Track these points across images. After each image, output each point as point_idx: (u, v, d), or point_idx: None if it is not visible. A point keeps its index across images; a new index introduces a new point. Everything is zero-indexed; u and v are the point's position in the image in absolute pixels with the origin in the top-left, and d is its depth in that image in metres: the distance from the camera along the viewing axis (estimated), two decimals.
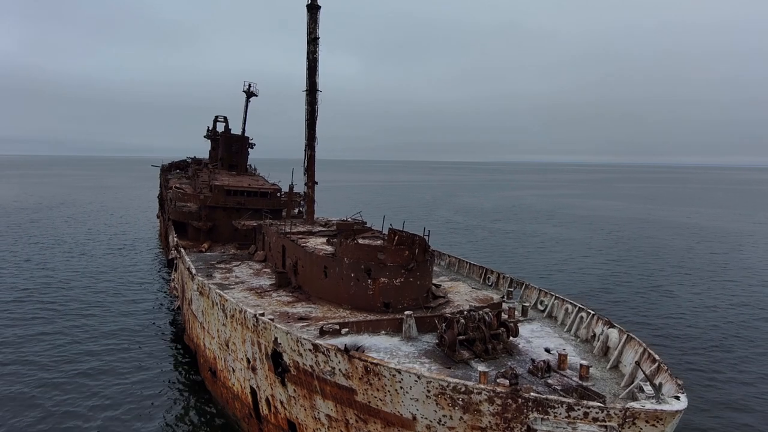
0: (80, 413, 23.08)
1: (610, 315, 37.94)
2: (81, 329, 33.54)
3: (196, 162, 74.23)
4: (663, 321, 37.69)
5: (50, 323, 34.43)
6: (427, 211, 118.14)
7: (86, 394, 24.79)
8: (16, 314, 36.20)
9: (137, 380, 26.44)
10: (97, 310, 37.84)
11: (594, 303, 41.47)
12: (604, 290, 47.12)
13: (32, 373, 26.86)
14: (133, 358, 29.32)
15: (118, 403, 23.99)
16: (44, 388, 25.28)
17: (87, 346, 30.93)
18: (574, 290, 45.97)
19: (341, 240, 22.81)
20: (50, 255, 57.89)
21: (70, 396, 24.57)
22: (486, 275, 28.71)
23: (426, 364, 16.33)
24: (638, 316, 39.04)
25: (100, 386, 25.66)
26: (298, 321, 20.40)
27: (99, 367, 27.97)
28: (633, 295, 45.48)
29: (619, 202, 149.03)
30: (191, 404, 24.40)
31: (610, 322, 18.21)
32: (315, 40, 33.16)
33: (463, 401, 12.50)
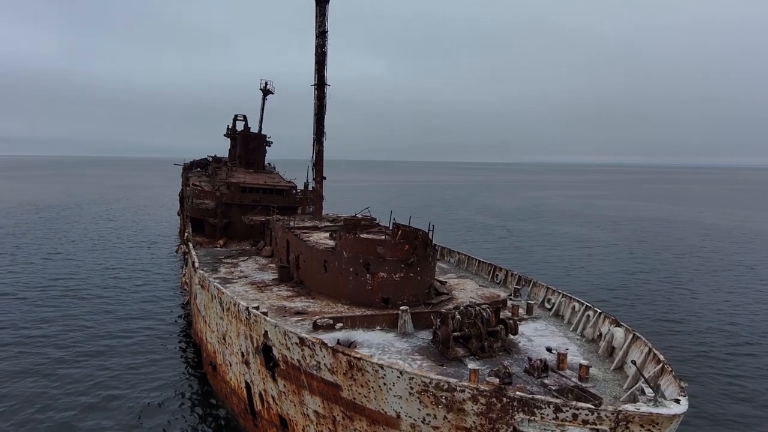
0: (78, 394, 23.84)
1: (626, 315, 37.05)
2: (95, 319, 34.47)
3: (216, 160, 75.16)
4: (682, 324, 35.94)
5: (68, 311, 35.93)
6: (447, 210, 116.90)
7: (85, 381, 25.33)
8: (43, 299, 38.61)
9: (142, 371, 26.59)
10: (114, 301, 38.96)
11: (610, 303, 40.16)
12: (623, 289, 45.53)
13: (48, 352, 28.55)
14: (140, 349, 29.58)
15: (118, 393, 24.04)
16: (54, 365, 26.98)
17: (98, 332, 31.95)
18: (590, 289, 44.60)
19: (341, 234, 22.32)
20: (76, 248, 60.35)
21: (72, 377, 25.67)
22: (494, 273, 27.80)
23: (418, 360, 15.66)
24: (656, 317, 37.40)
25: (104, 372, 26.25)
26: (295, 315, 19.99)
27: (106, 352, 28.82)
28: (653, 295, 43.74)
29: (646, 203, 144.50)
30: (191, 398, 24.23)
31: (617, 320, 17.17)
32: (323, 33, 32.80)
33: (446, 399, 11.80)
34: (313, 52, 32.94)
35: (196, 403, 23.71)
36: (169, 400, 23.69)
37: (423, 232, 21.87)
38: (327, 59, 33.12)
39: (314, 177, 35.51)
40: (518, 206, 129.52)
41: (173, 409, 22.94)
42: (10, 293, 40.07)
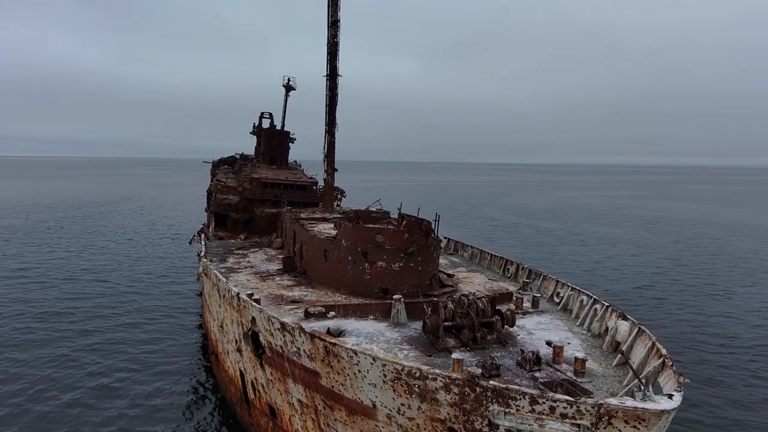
0: (86, 375, 24.95)
1: (650, 314, 35.29)
2: (121, 306, 36.28)
3: (243, 158, 76.44)
4: (706, 327, 33.78)
5: (96, 298, 38.05)
6: (472, 209, 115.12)
7: (94, 365, 26.25)
8: (76, 286, 41.26)
9: (154, 359, 27.08)
10: (141, 291, 40.88)
11: (633, 302, 38.37)
12: (650, 288, 43.45)
13: (74, 335, 30.26)
14: (160, 336, 30.40)
15: (124, 379, 24.32)
16: (78, 348, 28.56)
17: (121, 319, 33.42)
18: (614, 287, 42.80)
19: (341, 222, 21.82)
20: (110, 241, 63.62)
21: (88, 359, 27.00)
22: (506, 266, 26.75)
23: (405, 350, 14.96)
24: (683, 317, 35.38)
25: (118, 356, 27.28)
26: (290, 304, 19.59)
27: (126, 338, 29.90)
28: (681, 294, 41.54)
29: (684, 204, 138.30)
30: (195, 387, 24.26)
31: (624, 314, 16.00)
32: (335, 23, 32.45)
33: (419, 388, 11.08)
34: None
35: (198, 393, 23.70)
36: (173, 389, 23.75)
37: (425, 222, 21.16)
38: (339, 49, 32.76)
39: (325, 169, 35.19)
40: (547, 206, 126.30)
41: (176, 399, 22.97)
42: (47, 281, 42.71)
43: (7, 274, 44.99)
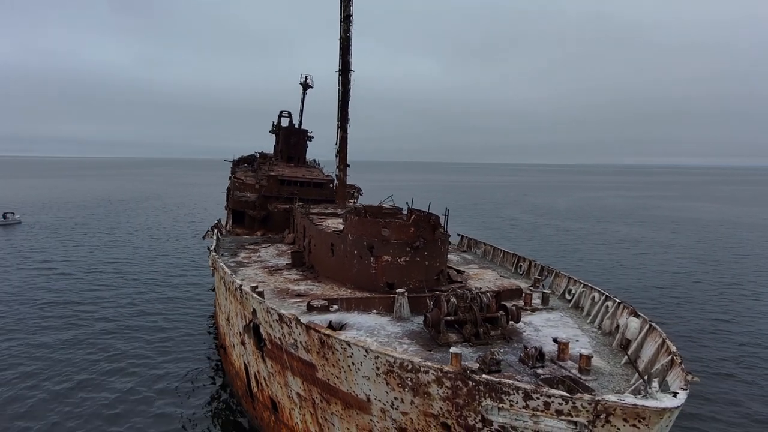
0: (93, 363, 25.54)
1: (670, 314, 34.12)
2: (141, 298, 37.40)
3: (263, 156, 77.22)
4: (732, 325, 32.36)
5: (118, 290, 39.50)
6: (494, 208, 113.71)
7: (106, 352, 27.18)
8: (99, 278, 42.94)
9: (163, 349, 27.55)
10: (162, 284, 42.07)
11: (654, 301, 37.17)
12: (670, 288, 42.00)
13: (94, 325, 31.30)
14: (167, 330, 30.74)
15: (134, 374, 24.57)
16: (97, 335, 29.65)
17: (144, 309, 34.70)
18: (634, 287, 41.57)
19: (347, 216, 21.59)
20: (134, 237, 65.48)
21: (102, 348, 27.91)
22: (518, 263, 26.12)
23: (405, 345, 14.60)
24: (704, 317, 34.00)
25: (130, 344, 28.15)
26: (295, 297, 19.45)
27: (144, 327, 30.99)
28: (705, 294, 39.93)
29: (716, 205, 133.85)
30: (203, 381, 24.31)
31: (635, 311, 15.32)
32: (348, 18, 32.27)
33: (411, 381, 10.73)
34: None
35: (207, 386, 23.74)
36: (182, 385, 23.81)
37: (432, 216, 20.76)
38: (351, 44, 32.57)
39: (338, 165, 35.02)
40: (570, 206, 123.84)
41: (184, 390, 23.10)
42: (72, 273, 44.45)
43: (36, 265, 46.59)
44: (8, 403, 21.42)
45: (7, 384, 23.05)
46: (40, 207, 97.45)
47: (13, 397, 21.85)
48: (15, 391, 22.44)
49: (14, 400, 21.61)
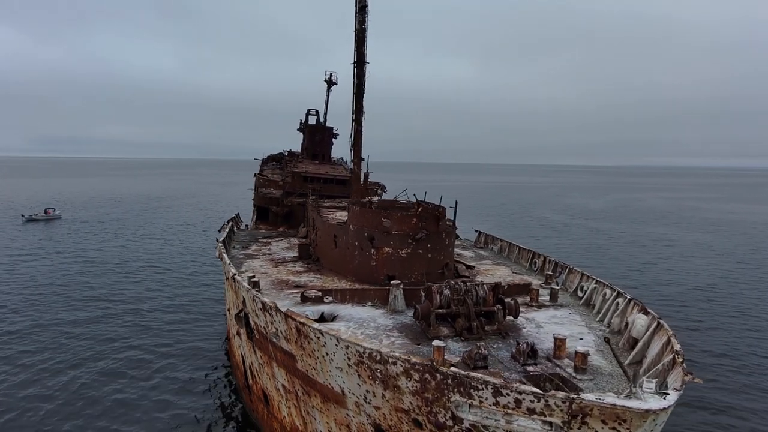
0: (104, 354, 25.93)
1: (693, 315, 31.97)
2: (165, 290, 38.53)
3: (291, 154, 77.99)
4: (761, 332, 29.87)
5: (147, 283, 40.36)
6: (523, 208, 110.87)
7: (121, 339, 27.82)
8: (131, 271, 43.93)
9: (181, 338, 27.96)
10: (190, 278, 43.07)
11: (680, 303, 34.92)
12: (704, 290, 39.47)
13: (122, 312, 32.45)
14: (188, 321, 31.33)
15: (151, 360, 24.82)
16: (123, 322, 30.82)
17: (172, 301, 35.59)
18: (661, 287, 39.23)
19: (349, 206, 21.05)
20: (168, 232, 67.36)
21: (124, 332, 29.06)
22: (533, 260, 24.91)
23: (393, 338, 13.89)
24: (731, 320, 31.58)
25: (146, 334, 28.72)
26: (293, 288, 19.04)
27: (154, 318, 31.49)
28: (735, 297, 37.23)
29: (762, 207, 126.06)
30: (210, 371, 24.26)
31: (644, 307, 14.08)
32: (363, 8, 31.62)
33: (381, 374, 10.02)
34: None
35: (211, 377, 23.65)
36: (190, 375, 23.85)
37: (437, 207, 19.96)
38: (366, 36, 31.97)
39: (352, 158, 34.47)
40: (605, 207, 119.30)
41: (190, 380, 23.09)
42: (103, 264, 46.20)
43: (71, 258, 48.46)
44: (29, 383, 22.36)
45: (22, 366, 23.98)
46: (82, 204, 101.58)
47: (29, 380, 22.63)
48: (29, 374, 23.25)
49: (30, 382, 22.43)
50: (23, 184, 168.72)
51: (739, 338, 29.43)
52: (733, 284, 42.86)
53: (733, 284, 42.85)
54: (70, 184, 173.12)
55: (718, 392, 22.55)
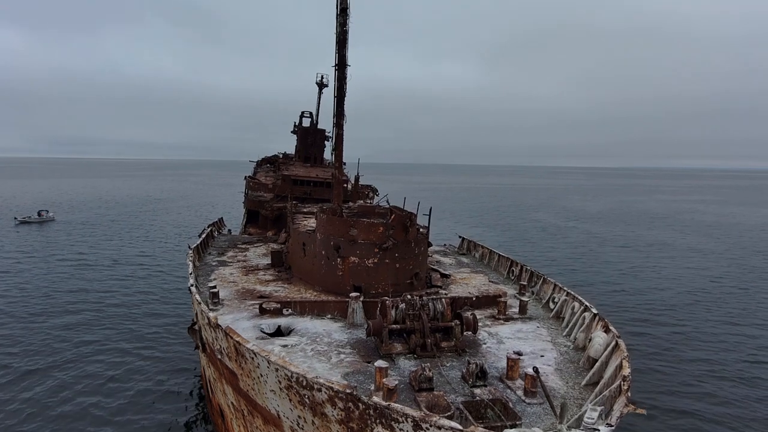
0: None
1: (678, 325, 31.22)
2: (149, 292, 38.68)
3: (285, 156, 77.47)
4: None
5: (133, 284, 40.67)
6: (519, 211, 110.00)
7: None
8: (117, 273, 43.99)
9: (159, 346, 27.50)
10: (166, 277, 43.42)
11: (666, 309, 34.15)
12: (690, 294, 38.55)
13: (103, 318, 32.02)
14: (174, 323, 31.31)
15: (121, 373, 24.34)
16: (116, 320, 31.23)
17: (148, 302, 35.76)
18: (649, 294, 38.43)
19: (317, 213, 20.51)
20: (160, 233, 67.53)
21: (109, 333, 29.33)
22: (511, 268, 24.28)
23: (343, 355, 13.31)
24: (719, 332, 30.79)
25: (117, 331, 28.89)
26: (257, 299, 18.50)
27: (141, 321, 31.45)
28: (724, 306, 36.39)
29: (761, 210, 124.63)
30: (183, 385, 23.71)
31: (607, 325, 13.44)
32: (344, 10, 31.09)
33: (309, 399, 9.45)
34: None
35: (188, 385, 23.13)
36: (170, 380, 23.38)
37: (405, 215, 19.37)
38: (348, 38, 31.42)
39: (333, 163, 33.91)
40: (604, 209, 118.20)
41: (168, 392, 22.57)
42: (93, 266, 46.15)
43: (65, 260, 48.19)
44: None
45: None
46: (77, 206, 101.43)
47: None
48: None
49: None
50: (22, 185, 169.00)
51: (719, 342, 28.76)
52: (720, 289, 42.03)
53: (720, 290, 42.01)
54: (70, 185, 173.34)
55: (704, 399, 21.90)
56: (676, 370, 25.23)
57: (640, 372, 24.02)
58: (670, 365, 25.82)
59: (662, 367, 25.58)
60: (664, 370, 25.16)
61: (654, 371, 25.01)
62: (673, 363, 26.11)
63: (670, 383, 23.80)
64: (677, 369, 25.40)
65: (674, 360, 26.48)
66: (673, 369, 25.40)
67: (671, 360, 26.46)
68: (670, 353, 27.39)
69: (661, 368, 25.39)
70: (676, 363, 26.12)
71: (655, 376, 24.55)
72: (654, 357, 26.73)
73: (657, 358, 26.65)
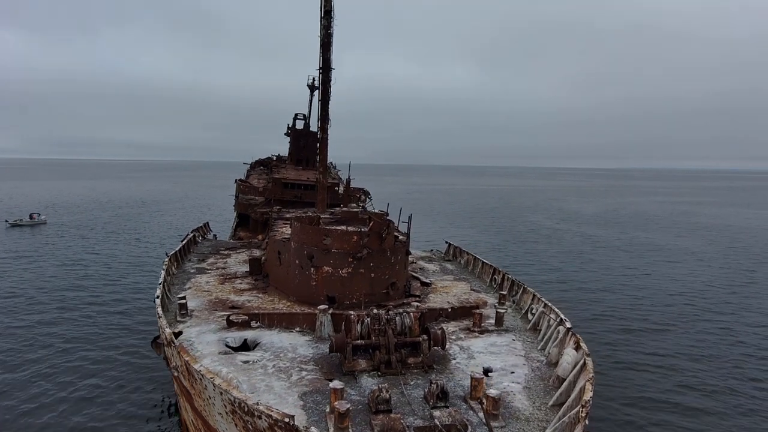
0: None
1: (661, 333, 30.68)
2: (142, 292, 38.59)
3: (279, 159, 76.91)
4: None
5: (122, 289, 40.36)
6: (514, 212, 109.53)
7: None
8: (107, 277, 43.82)
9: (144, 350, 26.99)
10: (155, 280, 42.71)
11: (654, 314, 33.65)
12: (679, 295, 38.00)
13: (89, 316, 31.81)
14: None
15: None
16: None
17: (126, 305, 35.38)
18: (636, 300, 37.96)
19: (293, 221, 20.05)
20: (151, 237, 66.80)
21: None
22: (494, 275, 23.84)
23: (305, 372, 12.84)
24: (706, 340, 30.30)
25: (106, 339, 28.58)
26: (229, 310, 18.04)
27: (128, 325, 31.29)
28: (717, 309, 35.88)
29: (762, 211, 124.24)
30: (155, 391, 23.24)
31: (578, 341, 12.97)
32: (328, 13, 30.68)
33: (252, 426, 8.99)
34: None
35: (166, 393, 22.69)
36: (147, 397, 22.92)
37: (381, 223, 18.92)
38: (332, 41, 30.98)
39: (319, 167, 33.44)
40: (597, 211, 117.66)
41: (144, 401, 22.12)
42: (93, 270, 45.92)
43: (54, 265, 47.65)
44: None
45: None
46: (70, 208, 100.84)
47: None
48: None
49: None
50: (18, 187, 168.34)
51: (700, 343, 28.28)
52: (708, 292, 41.60)
53: (709, 292, 41.58)
54: (66, 187, 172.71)
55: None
56: (656, 377, 24.74)
57: (618, 380, 23.67)
58: (647, 372, 25.32)
59: (639, 374, 25.08)
60: (641, 378, 24.65)
61: (629, 379, 24.49)
62: (652, 369, 25.63)
63: (651, 390, 23.34)
64: (657, 375, 24.90)
65: (652, 367, 25.96)
66: (652, 375, 24.89)
67: (650, 368, 25.92)
68: (651, 359, 26.90)
69: (637, 376, 24.88)
70: (655, 369, 25.66)
71: (632, 381, 24.07)
72: (630, 367, 26.13)
73: (634, 368, 26.08)
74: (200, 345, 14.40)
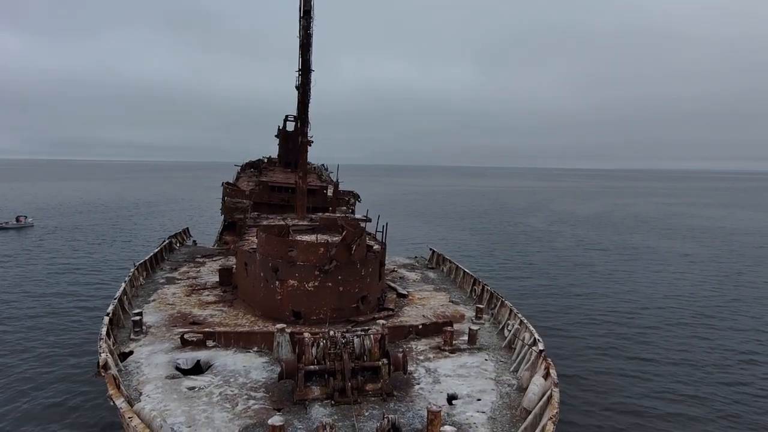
0: None
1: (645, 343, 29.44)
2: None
3: (269, 161, 75.85)
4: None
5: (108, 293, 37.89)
6: (509, 215, 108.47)
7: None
8: (95, 280, 42.90)
9: None
10: None
11: (648, 325, 32.58)
12: (666, 298, 37.05)
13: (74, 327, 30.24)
14: None
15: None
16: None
17: None
18: (625, 303, 37.06)
19: (258, 232, 19.10)
20: (144, 240, 65.70)
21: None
22: (474, 286, 22.87)
23: (252, 401, 11.86)
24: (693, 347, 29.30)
25: None
26: (189, 326, 17.06)
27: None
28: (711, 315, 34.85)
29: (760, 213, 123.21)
30: None
31: (549, 367, 11.98)
32: (308, 12, 29.72)
33: None
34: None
35: None
36: None
37: (351, 232, 17.93)
38: (312, 42, 30.02)
39: (298, 172, 32.46)
40: (593, 213, 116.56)
41: None
42: (78, 274, 44.90)
43: (39, 269, 46.49)
44: None
45: None
46: (59, 210, 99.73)
47: None
48: None
49: None
50: (11, 188, 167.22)
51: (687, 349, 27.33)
52: (697, 295, 40.64)
53: (698, 296, 40.62)
54: (61, 188, 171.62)
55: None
56: (635, 381, 23.81)
57: (598, 385, 22.73)
58: (627, 377, 24.37)
59: (621, 379, 24.12)
60: (620, 383, 23.70)
61: (608, 383, 23.53)
62: (631, 374, 24.68)
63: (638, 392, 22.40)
64: (636, 381, 23.93)
65: (631, 372, 24.99)
66: (632, 380, 23.94)
67: (629, 373, 24.96)
68: (630, 364, 25.96)
69: (619, 381, 23.92)
70: (633, 375, 24.71)
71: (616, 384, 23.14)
72: (608, 372, 25.13)
73: (619, 372, 25.10)
74: (148, 368, 13.45)
